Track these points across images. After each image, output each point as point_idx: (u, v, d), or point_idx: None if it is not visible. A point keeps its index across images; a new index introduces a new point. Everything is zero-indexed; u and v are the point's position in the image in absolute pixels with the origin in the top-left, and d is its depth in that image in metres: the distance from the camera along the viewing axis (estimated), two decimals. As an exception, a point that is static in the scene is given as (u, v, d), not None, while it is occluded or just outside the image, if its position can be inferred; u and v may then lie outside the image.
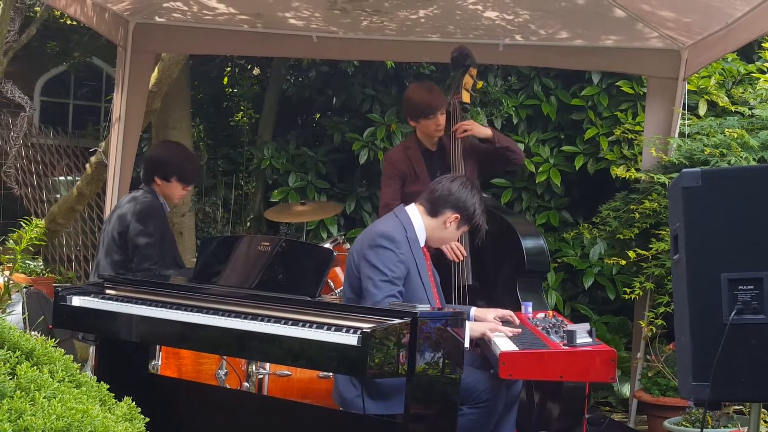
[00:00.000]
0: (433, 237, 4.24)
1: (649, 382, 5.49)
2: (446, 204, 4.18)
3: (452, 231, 4.24)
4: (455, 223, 4.20)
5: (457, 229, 4.25)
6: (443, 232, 4.23)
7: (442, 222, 4.19)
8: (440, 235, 4.26)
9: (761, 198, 2.81)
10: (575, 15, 5.72)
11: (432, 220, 4.20)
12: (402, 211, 4.23)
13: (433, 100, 5.15)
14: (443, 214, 4.18)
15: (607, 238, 6.30)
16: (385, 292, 3.88)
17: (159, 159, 5.10)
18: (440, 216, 4.19)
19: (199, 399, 4.15)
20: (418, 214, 4.21)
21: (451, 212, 4.18)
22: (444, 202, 4.19)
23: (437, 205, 4.20)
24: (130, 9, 5.83)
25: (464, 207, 4.18)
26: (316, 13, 5.94)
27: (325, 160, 7.99)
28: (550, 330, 4.08)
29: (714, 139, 5.59)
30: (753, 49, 6.82)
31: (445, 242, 4.48)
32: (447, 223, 4.19)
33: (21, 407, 2.17)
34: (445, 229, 4.21)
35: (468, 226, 4.27)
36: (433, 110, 5.13)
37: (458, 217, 4.18)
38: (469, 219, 4.22)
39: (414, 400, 3.33)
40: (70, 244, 9.55)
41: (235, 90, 9.37)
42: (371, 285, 3.93)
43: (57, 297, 3.93)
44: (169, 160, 5.06)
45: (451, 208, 4.18)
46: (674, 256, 2.99)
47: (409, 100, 5.24)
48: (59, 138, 10.89)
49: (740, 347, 2.75)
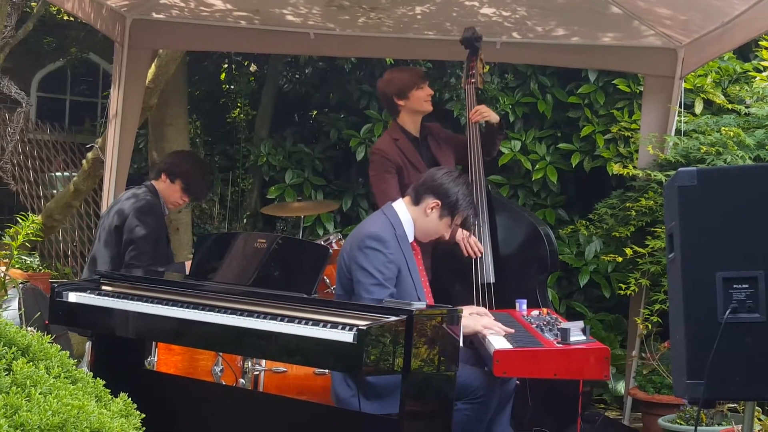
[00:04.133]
0: (418, 228, 4.20)
1: (643, 380, 5.50)
2: (427, 190, 4.16)
3: (434, 220, 4.17)
4: (436, 210, 4.15)
5: (440, 219, 4.17)
6: (426, 221, 4.17)
7: (423, 210, 4.16)
8: (423, 225, 4.19)
9: (757, 197, 2.82)
10: (572, 12, 5.72)
11: (415, 208, 4.18)
12: (389, 208, 4.21)
13: (415, 71, 5.24)
14: (424, 200, 4.16)
15: (603, 236, 6.30)
16: (376, 296, 3.86)
17: (177, 160, 5.21)
18: (422, 203, 4.16)
19: (195, 395, 4.15)
20: (404, 207, 4.20)
21: (431, 198, 4.14)
22: (426, 188, 4.17)
23: (419, 192, 4.19)
24: (127, 5, 5.83)
25: (445, 194, 4.14)
26: (313, 9, 5.94)
27: (321, 156, 7.99)
28: (544, 328, 4.08)
29: (710, 137, 5.60)
30: (750, 47, 6.82)
31: (431, 234, 4.29)
32: (427, 210, 4.15)
33: (17, 403, 2.18)
34: (426, 216, 4.16)
35: (451, 216, 4.19)
36: (421, 79, 5.12)
37: (438, 204, 4.14)
38: (451, 208, 4.15)
39: (409, 397, 3.33)
40: (66, 240, 9.54)
41: (232, 86, 9.37)
42: (363, 290, 3.91)
43: (53, 293, 3.93)
44: (184, 165, 5.15)
45: (431, 194, 4.15)
46: (669, 255, 2.99)
47: (392, 81, 5.16)
48: (56, 134, 10.88)
49: (735, 346, 2.76)
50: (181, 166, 5.12)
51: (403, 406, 3.35)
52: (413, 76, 5.15)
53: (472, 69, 5.26)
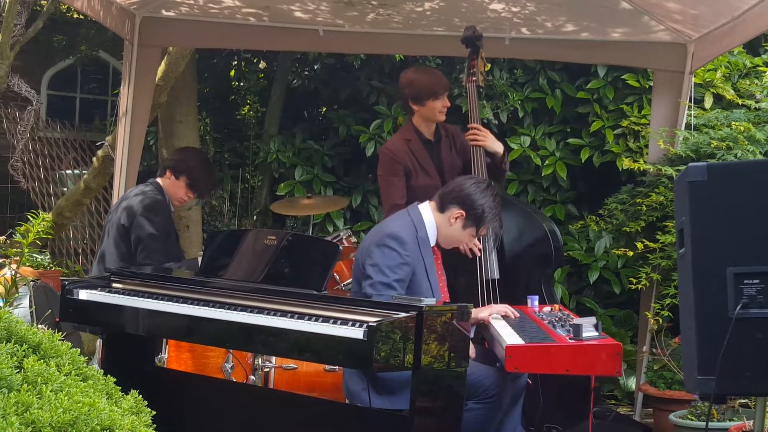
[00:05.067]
0: (441, 235, 4.16)
1: (654, 376, 5.49)
2: (454, 199, 4.11)
3: (458, 230, 4.13)
4: (460, 221, 4.10)
5: (463, 229, 4.13)
6: (449, 230, 4.13)
7: (447, 218, 4.11)
8: (446, 233, 4.15)
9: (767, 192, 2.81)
10: (581, 8, 5.71)
11: (440, 216, 4.14)
12: (415, 210, 4.17)
13: (439, 80, 5.03)
14: (449, 210, 4.11)
15: (613, 232, 6.29)
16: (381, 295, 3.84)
17: (181, 156, 5.21)
18: (446, 212, 4.12)
19: (206, 392, 4.16)
20: (429, 211, 4.15)
21: (456, 208, 4.10)
22: (452, 197, 4.12)
23: (446, 200, 4.14)
24: (136, 3, 5.84)
25: (471, 205, 4.08)
26: (321, 6, 5.94)
27: (331, 153, 7.99)
28: (556, 324, 4.08)
29: (720, 132, 5.58)
30: (759, 42, 6.80)
31: (453, 242, 4.25)
32: (451, 219, 4.10)
33: (28, 401, 2.18)
34: (450, 226, 4.12)
35: (475, 227, 4.14)
36: (442, 90, 5.00)
37: (463, 215, 4.09)
38: (477, 220, 4.10)
39: (420, 393, 3.34)
40: (77, 238, 9.56)
41: (241, 83, 9.37)
42: (368, 286, 3.90)
43: (64, 290, 3.94)
44: (188, 161, 5.14)
45: (457, 204, 4.10)
46: (680, 250, 2.99)
47: (413, 83, 5.03)
48: (66, 131, 10.90)
49: (746, 341, 2.75)
50: (185, 162, 5.12)
51: (414, 403, 3.35)
52: (434, 85, 4.99)
53: (473, 68, 5.20)
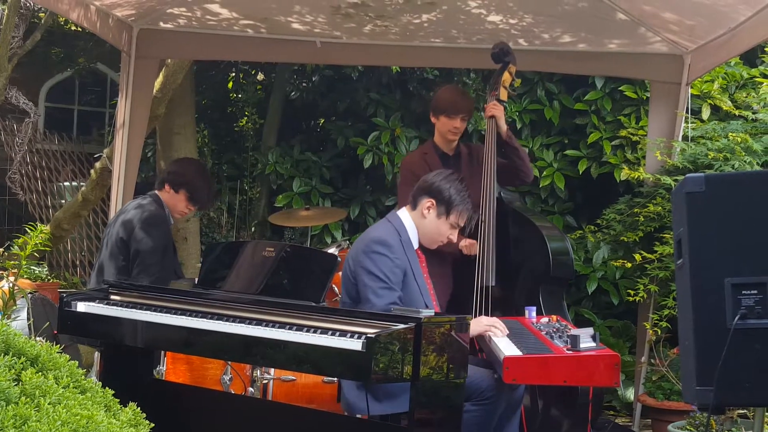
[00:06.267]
0: (421, 232, 4.23)
1: (653, 386, 5.49)
2: (421, 192, 4.22)
3: (432, 220, 4.19)
4: (432, 210, 4.18)
5: (438, 218, 4.19)
6: (425, 223, 4.20)
7: (420, 212, 4.20)
8: (425, 229, 4.22)
9: (765, 203, 2.81)
10: (578, 19, 5.73)
11: (414, 213, 4.23)
12: (394, 216, 4.25)
13: (460, 102, 5.17)
14: (420, 203, 4.21)
15: (611, 242, 6.30)
16: (385, 300, 3.88)
17: (179, 169, 5.15)
18: (418, 206, 4.21)
19: (204, 404, 4.15)
20: (406, 213, 4.25)
21: (425, 199, 4.19)
22: (420, 191, 4.24)
23: (415, 196, 4.25)
24: (134, 15, 5.85)
25: (438, 192, 4.18)
26: (319, 17, 5.95)
27: (329, 165, 8.00)
28: (554, 334, 4.07)
29: (718, 143, 5.59)
30: (756, 53, 6.82)
31: (434, 237, 4.28)
32: (423, 211, 4.19)
33: (26, 413, 2.18)
34: (424, 218, 4.19)
35: (446, 214, 4.20)
36: (455, 111, 5.12)
37: (433, 203, 4.18)
38: (447, 204, 4.17)
39: (418, 404, 3.33)
40: (75, 250, 9.56)
41: (239, 95, 9.38)
42: (371, 293, 3.92)
43: (62, 303, 3.94)
44: (187, 174, 5.09)
45: (425, 195, 4.20)
46: (678, 261, 2.99)
47: (437, 96, 5.27)
48: (64, 143, 10.91)
49: (744, 352, 2.75)
50: (184, 175, 5.06)
51: (412, 414, 3.34)
52: (451, 104, 5.15)
53: (497, 83, 5.27)
